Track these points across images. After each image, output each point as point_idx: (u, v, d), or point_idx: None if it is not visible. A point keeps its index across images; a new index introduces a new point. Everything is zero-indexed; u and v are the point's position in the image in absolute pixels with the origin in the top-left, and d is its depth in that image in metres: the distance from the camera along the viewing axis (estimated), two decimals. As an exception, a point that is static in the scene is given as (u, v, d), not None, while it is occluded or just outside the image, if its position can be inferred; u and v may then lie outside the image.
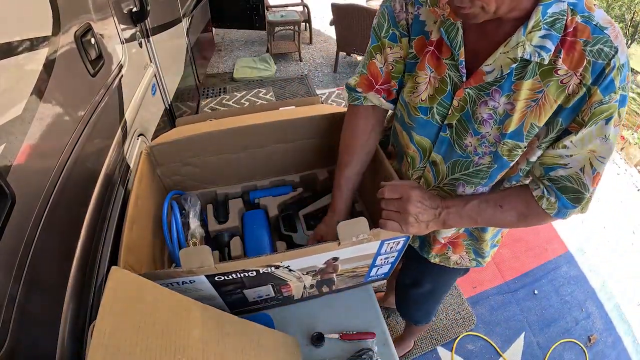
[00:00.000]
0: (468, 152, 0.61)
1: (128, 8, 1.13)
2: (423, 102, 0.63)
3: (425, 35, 0.60)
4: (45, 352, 0.53)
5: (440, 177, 0.68)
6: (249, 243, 0.83)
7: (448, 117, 0.61)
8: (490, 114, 0.56)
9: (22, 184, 0.51)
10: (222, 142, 0.81)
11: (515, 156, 0.58)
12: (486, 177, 0.63)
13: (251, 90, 3.14)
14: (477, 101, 0.57)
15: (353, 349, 0.76)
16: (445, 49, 0.57)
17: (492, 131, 0.57)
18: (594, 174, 0.54)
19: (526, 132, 0.54)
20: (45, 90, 0.60)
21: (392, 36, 0.64)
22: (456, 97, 0.58)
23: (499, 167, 0.60)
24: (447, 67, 0.58)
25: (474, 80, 0.55)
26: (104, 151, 0.82)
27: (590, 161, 0.53)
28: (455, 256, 0.83)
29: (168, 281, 0.56)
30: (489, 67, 0.53)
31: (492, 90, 0.54)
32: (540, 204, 0.59)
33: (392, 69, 0.66)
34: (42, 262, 0.54)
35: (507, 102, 0.54)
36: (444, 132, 0.63)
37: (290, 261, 0.59)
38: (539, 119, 0.53)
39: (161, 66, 1.46)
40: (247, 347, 0.56)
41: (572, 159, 0.54)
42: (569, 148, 0.53)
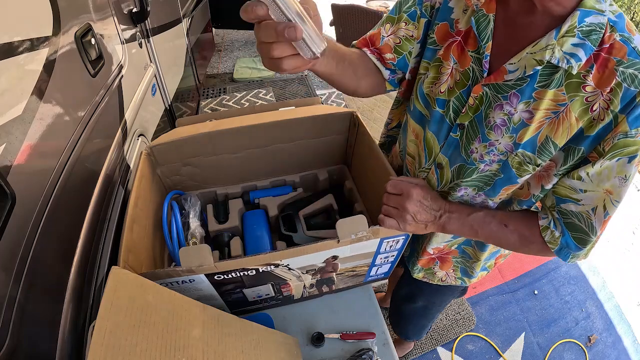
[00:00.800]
0: (473, 158, 0.58)
1: (128, 8, 1.13)
2: (442, 95, 0.60)
3: (450, 23, 0.57)
4: (45, 352, 0.53)
5: (444, 182, 0.66)
6: (249, 243, 0.83)
7: (461, 115, 0.58)
8: (504, 120, 0.52)
9: (22, 184, 0.51)
10: (222, 142, 0.81)
11: (524, 172, 0.54)
12: (490, 185, 0.60)
13: (251, 90, 3.14)
14: (492, 103, 0.53)
15: (353, 349, 0.76)
16: (472, 40, 0.54)
17: (502, 139, 0.53)
18: (605, 218, 0.50)
19: (539, 144, 0.51)
20: (45, 91, 0.61)
21: (412, 13, 0.62)
22: (473, 94, 0.55)
23: (505, 179, 0.57)
24: (471, 60, 0.55)
25: (494, 77, 0.51)
26: (104, 151, 0.82)
27: (605, 203, 0.49)
28: (442, 272, 0.82)
29: (168, 280, 0.56)
30: (513, 66, 0.49)
31: (510, 93, 0.51)
32: (543, 235, 0.56)
33: (399, 43, 0.63)
34: (43, 262, 0.54)
35: (526, 110, 0.50)
36: (455, 132, 0.60)
37: (290, 259, 0.59)
38: (555, 134, 0.49)
39: (161, 66, 1.46)
40: (247, 347, 0.56)
41: (586, 196, 0.50)
42: (584, 181, 0.49)
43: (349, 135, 0.89)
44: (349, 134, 0.89)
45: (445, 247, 0.76)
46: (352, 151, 0.92)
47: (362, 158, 0.86)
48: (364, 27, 3.13)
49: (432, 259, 0.79)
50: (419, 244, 0.80)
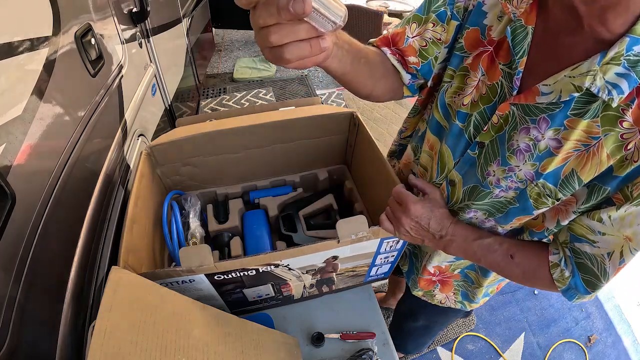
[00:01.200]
0: (488, 181, 0.53)
1: (128, 8, 1.13)
2: (464, 107, 0.55)
3: (482, 29, 0.52)
4: (45, 352, 0.53)
5: (454, 199, 0.61)
6: (249, 243, 0.83)
7: (482, 133, 0.52)
8: (529, 146, 0.47)
9: (22, 184, 0.51)
10: (222, 142, 0.81)
11: (542, 205, 0.49)
12: (502, 212, 0.55)
13: (251, 90, 3.14)
14: (518, 125, 0.48)
15: (353, 349, 0.76)
16: (505, 52, 0.49)
17: (523, 166, 0.49)
18: (620, 265, 0.46)
19: (563, 176, 0.46)
20: (45, 91, 0.60)
21: (441, 13, 0.55)
22: (498, 112, 0.49)
23: (521, 208, 0.52)
24: (501, 74, 0.49)
25: (524, 97, 0.46)
26: (104, 151, 0.82)
27: (622, 249, 0.45)
28: (441, 295, 0.78)
29: (168, 280, 0.56)
30: (547, 88, 0.44)
31: (540, 117, 0.45)
32: (552, 272, 0.52)
33: (425, 47, 0.57)
34: (43, 262, 0.54)
35: (554, 138, 0.45)
36: (473, 150, 0.55)
37: (290, 259, 0.59)
38: (582, 169, 0.44)
39: (161, 66, 1.46)
40: (247, 347, 0.56)
41: (603, 239, 0.46)
42: (604, 223, 0.45)
43: (349, 135, 0.89)
44: (349, 134, 0.89)
45: (446, 268, 0.72)
46: (352, 151, 0.92)
47: (362, 158, 0.87)
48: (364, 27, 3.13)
49: (432, 282, 0.76)
50: (418, 261, 0.78)
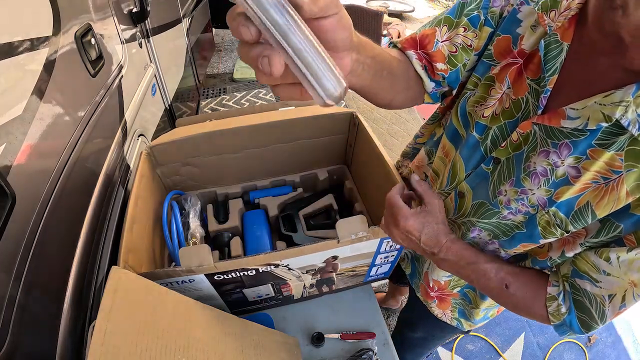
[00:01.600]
0: (498, 200, 0.51)
1: (128, 8, 1.13)
2: (484, 119, 0.52)
3: (514, 38, 0.48)
4: (45, 352, 0.53)
5: (460, 212, 0.59)
6: (249, 243, 0.83)
7: (499, 149, 0.50)
8: (546, 170, 0.45)
9: (22, 184, 0.51)
10: (222, 142, 0.81)
11: (549, 235, 0.47)
12: (508, 236, 0.53)
13: (251, 90, 3.14)
14: (538, 147, 0.45)
15: (353, 349, 0.76)
16: (535, 67, 0.45)
17: (537, 191, 0.46)
18: (620, 309, 0.43)
19: (577, 208, 0.43)
20: (45, 91, 0.60)
21: (474, 18, 0.51)
22: (519, 129, 0.47)
23: (527, 235, 0.50)
24: (527, 89, 0.46)
25: (549, 119, 0.43)
26: (104, 151, 0.82)
27: (625, 293, 0.42)
28: (438, 310, 0.77)
29: (167, 280, 0.56)
30: (574, 113, 0.41)
31: (562, 142, 0.42)
32: (548, 305, 0.49)
33: (454, 52, 0.53)
34: (43, 262, 0.54)
35: (574, 166, 0.42)
36: (487, 165, 0.52)
37: (290, 259, 0.59)
38: (597, 203, 0.41)
39: (161, 66, 1.46)
40: (247, 347, 0.56)
41: (607, 280, 0.43)
42: (611, 263, 0.42)
43: (349, 135, 0.89)
44: (349, 134, 0.89)
45: (445, 285, 0.70)
46: (352, 151, 0.92)
47: (362, 158, 0.87)
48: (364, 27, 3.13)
49: (430, 297, 0.75)
50: (420, 265, 0.77)
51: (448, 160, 0.61)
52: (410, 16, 5.55)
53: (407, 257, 0.83)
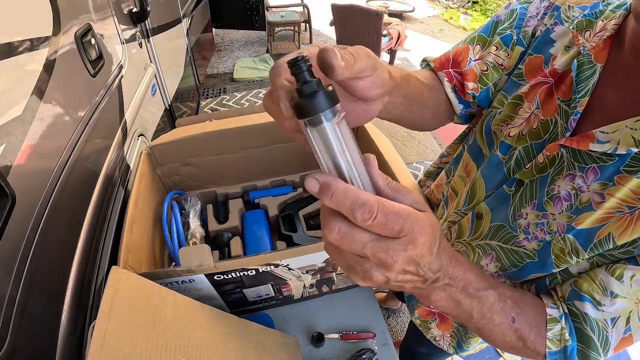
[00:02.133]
0: (518, 224, 0.49)
1: (128, 8, 1.13)
2: (509, 139, 0.50)
3: (546, 58, 0.47)
4: (45, 352, 0.53)
5: (475, 235, 0.56)
6: (249, 243, 0.84)
7: (523, 171, 0.48)
8: (570, 195, 0.43)
9: (22, 184, 0.51)
10: (222, 142, 0.81)
11: (563, 263, 0.44)
12: (518, 266, 0.50)
13: (251, 90, 3.14)
14: (564, 170, 0.43)
15: (353, 349, 0.76)
16: (566, 88, 0.44)
17: (559, 216, 0.44)
18: (625, 334, 0.39)
19: (597, 240, 0.40)
20: (45, 91, 0.60)
21: (507, 37, 0.51)
22: (546, 152, 0.45)
23: (539, 264, 0.47)
24: (557, 110, 0.45)
25: (577, 141, 0.41)
26: (104, 151, 0.82)
27: (630, 315, 0.39)
28: (437, 331, 0.73)
29: (167, 280, 0.56)
30: (604, 136, 0.39)
31: (590, 167, 0.41)
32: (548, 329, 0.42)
33: (485, 71, 0.53)
34: (42, 262, 0.54)
35: (599, 193, 0.40)
36: (509, 187, 0.50)
37: (290, 259, 0.59)
38: (620, 234, 0.38)
39: (161, 66, 1.46)
40: (247, 347, 0.56)
41: (611, 303, 0.40)
42: (623, 283, 0.39)
43: (349, 135, 0.89)
44: (349, 134, 0.89)
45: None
46: (352, 151, 0.92)
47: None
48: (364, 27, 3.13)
49: (431, 313, 0.72)
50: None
51: (468, 180, 0.59)
52: (410, 16, 5.55)
53: None
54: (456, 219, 0.60)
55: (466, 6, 6.11)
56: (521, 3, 0.52)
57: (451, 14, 5.77)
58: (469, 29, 5.32)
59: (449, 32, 5.24)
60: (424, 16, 5.78)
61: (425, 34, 5.09)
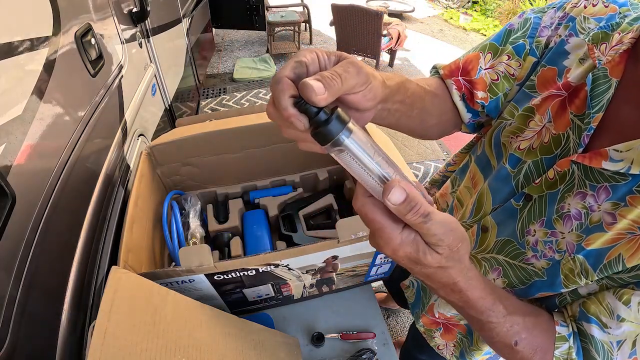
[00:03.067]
0: (526, 240, 0.47)
1: (128, 8, 1.13)
2: (519, 152, 0.49)
3: (559, 70, 0.46)
4: (45, 352, 0.53)
5: (481, 248, 0.55)
6: (249, 243, 0.84)
7: (532, 186, 0.46)
8: (580, 214, 0.41)
9: (22, 184, 0.51)
10: (222, 142, 0.81)
11: (572, 283, 0.43)
12: (526, 284, 0.49)
13: (251, 90, 3.14)
14: (574, 188, 0.42)
15: (353, 349, 0.76)
16: (580, 102, 0.42)
17: (568, 235, 0.43)
18: (629, 358, 0.38)
19: (606, 261, 0.39)
20: (45, 91, 0.60)
21: (519, 46, 0.50)
22: (556, 167, 0.43)
23: (548, 283, 0.46)
24: (569, 124, 0.43)
25: (589, 158, 0.39)
26: (104, 151, 0.82)
27: (636, 339, 0.38)
28: (441, 341, 0.71)
29: (167, 280, 0.56)
30: (617, 155, 0.37)
31: (602, 186, 0.39)
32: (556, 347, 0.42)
33: (496, 80, 0.52)
34: (42, 262, 0.54)
35: (610, 213, 0.39)
36: (517, 201, 0.49)
37: (290, 259, 0.59)
38: (630, 256, 0.37)
39: (161, 66, 1.46)
40: (247, 347, 0.56)
41: (618, 326, 0.39)
42: (630, 308, 0.38)
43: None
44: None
45: (453, 318, 0.66)
46: (352, 151, 0.92)
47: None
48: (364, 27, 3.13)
49: (436, 322, 0.70)
50: (426, 296, 0.73)
51: (475, 191, 0.58)
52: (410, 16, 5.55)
53: (412, 285, 0.79)
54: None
55: (466, 6, 6.10)
56: (535, 12, 0.51)
57: (451, 14, 5.77)
58: (469, 29, 5.32)
59: (449, 32, 5.24)
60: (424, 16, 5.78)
61: (425, 34, 5.09)
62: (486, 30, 5.21)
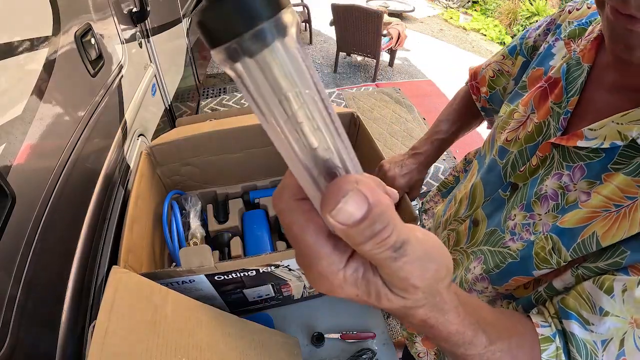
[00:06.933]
0: (506, 225, 0.49)
1: (128, 8, 1.13)
2: (506, 143, 0.52)
3: (546, 69, 0.51)
4: (45, 352, 0.53)
5: (472, 241, 0.56)
6: (249, 243, 0.83)
7: (518, 174, 0.49)
8: (557, 194, 0.42)
9: (22, 184, 0.51)
10: (222, 142, 0.81)
11: (543, 267, 0.42)
12: (500, 267, 0.49)
13: (251, 90, 3.14)
14: (553, 170, 0.44)
15: (353, 349, 0.76)
16: (559, 91, 0.46)
17: (545, 217, 0.43)
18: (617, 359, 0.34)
19: (580, 239, 0.38)
20: (45, 91, 0.60)
21: (512, 47, 0.60)
22: (538, 153, 0.46)
23: (520, 268, 0.45)
24: (550, 112, 0.46)
25: (567, 139, 0.41)
26: (104, 151, 0.82)
27: (624, 337, 0.34)
28: (421, 347, 0.70)
29: (168, 281, 0.56)
30: (592, 133, 0.39)
31: (576, 165, 0.41)
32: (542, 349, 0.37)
33: (492, 77, 0.63)
34: (42, 262, 0.54)
35: (586, 192, 0.39)
36: (504, 191, 0.51)
37: (290, 260, 0.59)
38: (604, 234, 0.36)
39: (161, 66, 1.46)
40: (247, 347, 0.56)
41: (602, 322, 0.35)
42: (614, 297, 0.34)
43: (349, 135, 0.89)
44: (349, 134, 0.89)
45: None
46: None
47: (363, 158, 0.86)
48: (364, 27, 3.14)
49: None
50: None
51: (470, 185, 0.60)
52: (410, 16, 5.55)
53: None
54: (456, 226, 0.61)
55: (466, 6, 6.11)
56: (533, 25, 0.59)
57: (451, 14, 5.77)
58: (468, 29, 5.32)
59: (449, 32, 5.24)
60: (424, 16, 5.78)
61: (425, 34, 5.09)
62: (486, 30, 5.21)
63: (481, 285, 0.53)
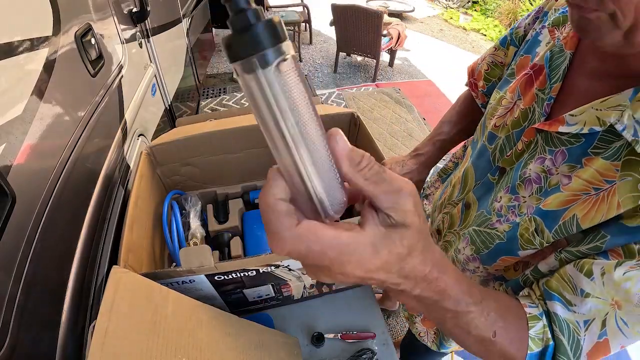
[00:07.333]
0: (492, 207, 0.51)
1: (128, 8, 1.13)
2: (495, 129, 0.54)
3: (532, 56, 0.52)
4: (45, 352, 0.53)
5: (465, 223, 0.59)
6: (249, 243, 0.84)
7: (505, 158, 0.51)
8: (540, 177, 0.44)
9: (22, 183, 0.51)
10: (222, 142, 0.81)
11: (527, 248, 0.44)
12: (489, 247, 0.51)
13: (251, 90, 3.14)
14: (536, 154, 0.45)
15: (353, 349, 0.76)
16: (543, 77, 0.47)
17: (529, 199, 0.45)
18: (599, 339, 0.36)
19: (562, 221, 0.39)
20: (45, 91, 0.60)
21: (503, 39, 0.61)
22: (523, 138, 0.47)
23: (506, 248, 0.48)
24: (535, 99, 0.47)
25: (549, 125, 0.42)
26: (104, 151, 0.82)
27: (606, 318, 0.35)
28: (422, 327, 0.76)
29: (168, 281, 0.56)
30: (573, 119, 0.40)
31: (558, 150, 0.42)
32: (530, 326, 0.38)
33: (487, 70, 0.64)
34: (43, 262, 0.54)
35: (567, 175, 0.41)
36: (493, 175, 0.53)
37: (290, 260, 0.59)
38: (583, 216, 0.37)
39: (161, 66, 1.46)
40: (247, 347, 0.56)
41: (584, 303, 0.37)
42: (593, 280, 0.36)
43: (349, 135, 0.89)
44: (349, 134, 0.89)
45: None
46: (352, 151, 0.92)
47: (362, 158, 0.86)
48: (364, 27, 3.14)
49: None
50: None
51: (463, 169, 0.63)
52: (410, 16, 5.55)
53: None
54: (450, 210, 0.64)
55: (466, 6, 6.11)
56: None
57: (451, 14, 5.77)
58: (469, 29, 5.32)
59: (449, 32, 5.24)
60: (424, 16, 5.78)
61: (425, 34, 5.09)
62: (486, 30, 5.21)
63: (473, 265, 0.56)
